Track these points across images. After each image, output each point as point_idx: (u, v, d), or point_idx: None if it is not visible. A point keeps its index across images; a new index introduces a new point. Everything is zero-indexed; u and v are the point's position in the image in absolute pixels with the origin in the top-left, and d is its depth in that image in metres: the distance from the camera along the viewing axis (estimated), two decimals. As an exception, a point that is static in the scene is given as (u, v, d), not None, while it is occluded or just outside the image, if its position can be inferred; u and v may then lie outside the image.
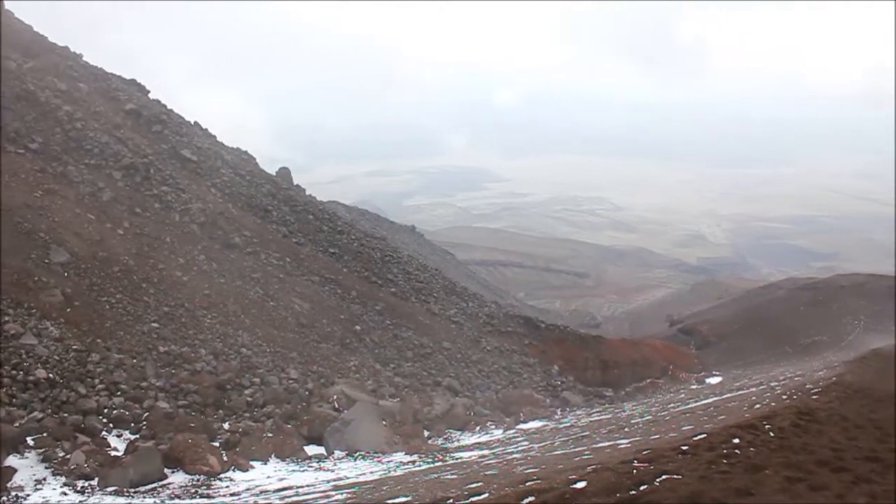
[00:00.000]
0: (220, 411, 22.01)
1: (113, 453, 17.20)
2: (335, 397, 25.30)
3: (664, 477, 8.33)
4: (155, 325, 25.32)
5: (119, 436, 18.56)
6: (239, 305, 30.63)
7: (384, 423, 23.40)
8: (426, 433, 24.84)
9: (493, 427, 27.16)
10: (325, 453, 20.76)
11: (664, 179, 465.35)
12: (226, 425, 21.10)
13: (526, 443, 20.88)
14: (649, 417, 22.71)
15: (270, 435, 20.72)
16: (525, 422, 28.24)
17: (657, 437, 14.47)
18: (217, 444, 19.10)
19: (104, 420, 18.79)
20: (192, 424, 19.67)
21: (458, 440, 24.58)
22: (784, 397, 17.40)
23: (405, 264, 49.44)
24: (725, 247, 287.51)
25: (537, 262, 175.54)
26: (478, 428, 27.02)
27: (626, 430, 19.30)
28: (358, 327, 35.65)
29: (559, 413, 31.85)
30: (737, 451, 9.84)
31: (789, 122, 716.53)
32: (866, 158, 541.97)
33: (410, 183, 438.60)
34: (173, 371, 23.00)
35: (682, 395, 33.50)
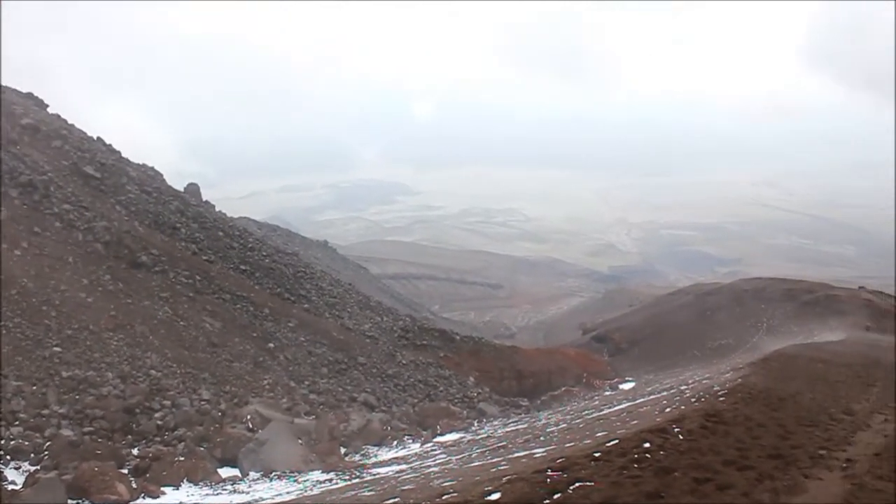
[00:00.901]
0: (129, 437, 21.31)
1: (10, 487, 16.42)
2: (249, 417, 24.79)
3: (577, 484, 8.45)
4: (57, 349, 24.38)
5: (17, 468, 17.75)
6: (147, 326, 29.75)
7: (300, 441, 23.04)
8: (343, 450, 24.59)
9: (411, 441, 27.08)
10: (239, 475, 20.32)
11: (575, 190, 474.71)
12: (135, 451, 20.43)
13: (443, 456, 20.87)
14: (564, 425, 22.99)
15: (182, 459, 20.16)
16: (442, 434, 28.23)
17: (572, 444, 14.67)
18: (126, 471, 18.48)
19: (0, 452, 17.95)
20: (99, 452, 18.98)
21: (376, 456, 24.42)
22: (693, 400, 17.87)
23: (318, 280, 48.95)
24: (635, 255, 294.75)
25: (451, 275, 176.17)
26: (395, 442, 26.90)
27: (542, 438, 19.50)
28: (271, 345, 35.07)
29: (476, 424, 31.94)
30: (647, 455, 10.06)
31: (695, 132, 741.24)
32: (767, 167, 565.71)
33: (322, 197, 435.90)
34: (77, 397, 22.17)
35: (597, 402, 34.02)
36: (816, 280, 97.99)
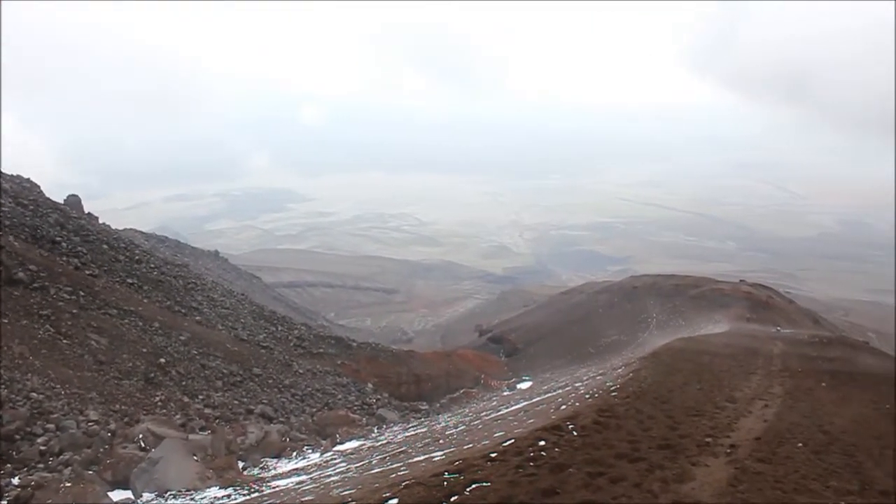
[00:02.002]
0: (9, 465, 20.23)
1: None
2: (141, 436, 23.93)
3: (474, 486, 8.55)
4: (-74, 375, 22.97)
5: None
6: (26, 346, 28.31)
7: (195, 458, 22.40)
8: (241, 464, 24.06)
9: (310, 451, 26.75)
10: (132, 497, 19.59)
11: (467, 193, 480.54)
12: (15, 480, 19.40)
13: (344, 464, 20.71)
14: (463, 427, 23.18)
15: (69, 484, 19.27)
16: (342, 443, 28.03)
17: (470, 446, 14.80)
18: (5, 502, 17.55)
19: None
20: (-24, 483, 17.96)
21: (275, 468, 24.00)
22: (587, 397, 18.33)
23: (210, 291, 47.84)
24: (528, 256, 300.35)
25: (346, 281, 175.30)
26: (294, 454, 26.52)
27: (441, 441, 19.60)
28: (162, 360, 33.96)
29: (376, 431, 31.85)
30: (543, 452, 10.27)
31: (584, 135, 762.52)
32: (653, 168, 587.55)
33: (213, 206, 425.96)
34: (-51, 426, 20.93)
35: (495, 403, 34.41)
36: (701, 275, 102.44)
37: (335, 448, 26.75)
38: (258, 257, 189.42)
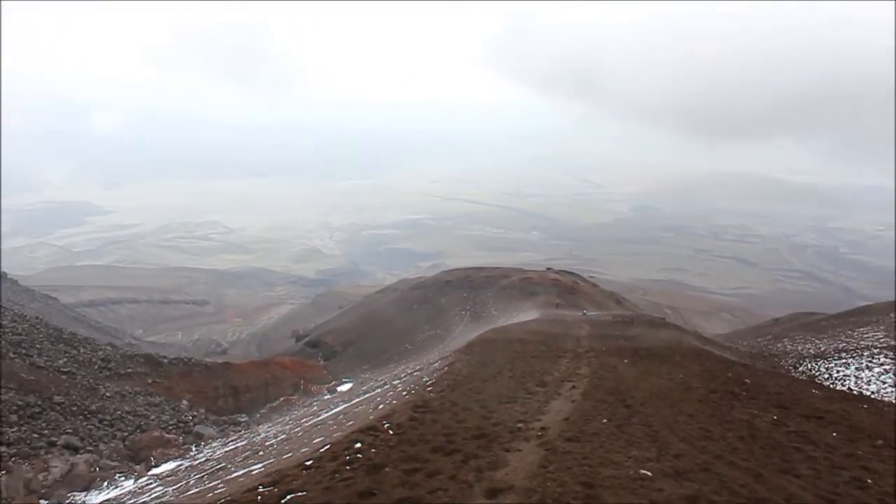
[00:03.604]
0: None
1: None
2: (-78, 487, 21.83)
3: (289, 497, 8.48)
4: None
5: None
6: None
7: (-11, 503, 20.73)
8: (44, 503, 22.49)
9: (123, 479, 25.40)
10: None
11: (275, 197, 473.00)
12: None
13: (160, 488, 19.86)
14: (284, 436, 22.85)
15: None
16: (158, 465, 26.83)
17: (290, 455, 14.64)
18: None
19: None
20: None
21: (83, 502, 22.62)
22: (404, 394, 18.57)
23: (-2, 318, 44.23)
24: (340, 257, 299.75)
25: (153, 296, 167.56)
26: (105, 484, 25.07)
27: (261, 453, 19.24)
28: (-54, 398, 31.09)
29: (194, 449, 30.75)
30: (359, 454, 10.35)
31: (390, 134, 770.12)
32: (459, 164, 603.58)
33: (4, 224, 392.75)
34: None
35: (315, 408, 34.17)
36: (510, 266, 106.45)
37: (150, 472, 25.56)
38: (54, 276, 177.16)
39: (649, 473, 9.74)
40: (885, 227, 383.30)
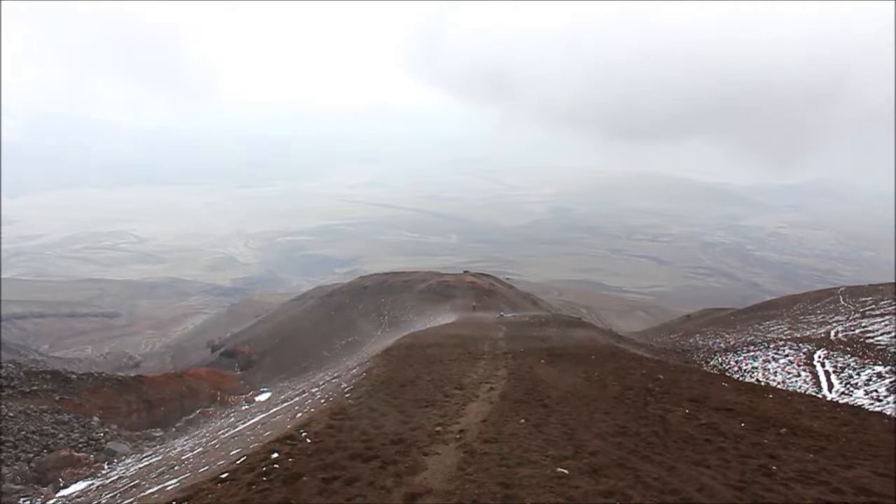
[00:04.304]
0: None
1: None
2: None
3: (203, 512, 8.30)
4: None
5: None
6: None
7: None
8: (-59, 533, 21.46)
9: (28, 503, 24.45)
10: None
11: (188, 206, 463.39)
12: None
13: (69, 509, 19.20)
14: (200, 449, 22.36)
15: None
16: (67, 486, 25.90)
17: (206, 468, 14.33)
18: None
19: None
20: None
21: (-14, 530, 21.70)
22: (322, 401, 18.40)
23: None
24: (255, 265, 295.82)
25: (60, 309, 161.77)
26: (9, 509, 24.12)
27: (177, 468, 18.77)
28: None
29: (107, 467, 29.79)
30: (276, 465, 10.20)
31: (304, 138, 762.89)
32: (374, 168, 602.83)
33: None
34: None
35: (232, 419, 33.56)
36: (428, 269, 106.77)
37: (59, 494, 24.66)
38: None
39: (566, 471, 9.90)
40: (786, 224, 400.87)
